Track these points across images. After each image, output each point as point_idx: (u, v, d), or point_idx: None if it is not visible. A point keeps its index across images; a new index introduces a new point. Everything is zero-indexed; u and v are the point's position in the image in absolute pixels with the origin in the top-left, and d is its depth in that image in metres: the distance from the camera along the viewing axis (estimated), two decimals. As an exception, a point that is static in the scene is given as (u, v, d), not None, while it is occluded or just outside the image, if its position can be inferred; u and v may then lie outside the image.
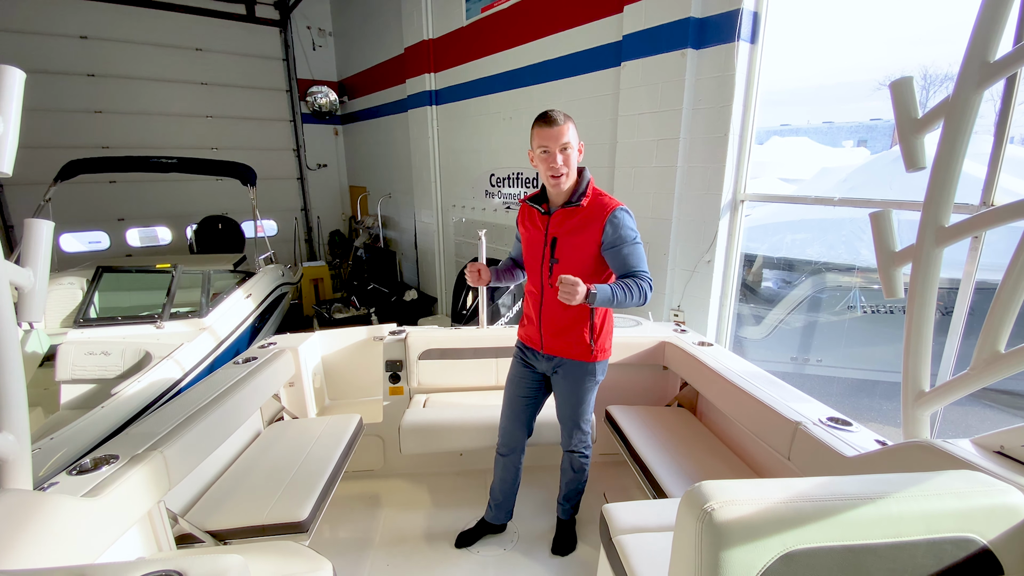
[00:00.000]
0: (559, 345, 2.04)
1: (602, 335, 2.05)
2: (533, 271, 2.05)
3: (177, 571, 0.92)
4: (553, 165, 1.81)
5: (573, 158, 1.84)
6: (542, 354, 2.10)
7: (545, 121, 1.80)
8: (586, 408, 2.16)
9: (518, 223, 2.12)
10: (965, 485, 1.03)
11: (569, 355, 2.04)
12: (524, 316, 2.18)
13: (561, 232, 1.92)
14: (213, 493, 2.02)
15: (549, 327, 2.03)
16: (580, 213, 1.90)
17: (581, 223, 1.89)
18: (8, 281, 1.18)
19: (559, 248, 1.93)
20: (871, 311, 4.63)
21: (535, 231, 2.00)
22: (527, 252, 2.05)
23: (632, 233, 1.89)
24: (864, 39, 4.86)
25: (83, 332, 3.47)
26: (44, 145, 6.83)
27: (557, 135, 1.78)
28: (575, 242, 1.91)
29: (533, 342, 2.11)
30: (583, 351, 2.02)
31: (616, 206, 1.88)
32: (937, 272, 1.40)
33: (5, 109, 1.15)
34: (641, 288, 1.83)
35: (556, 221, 1.93)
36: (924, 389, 1.45)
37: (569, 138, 1.80)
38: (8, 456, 1.21)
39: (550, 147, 1.80)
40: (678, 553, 1.04)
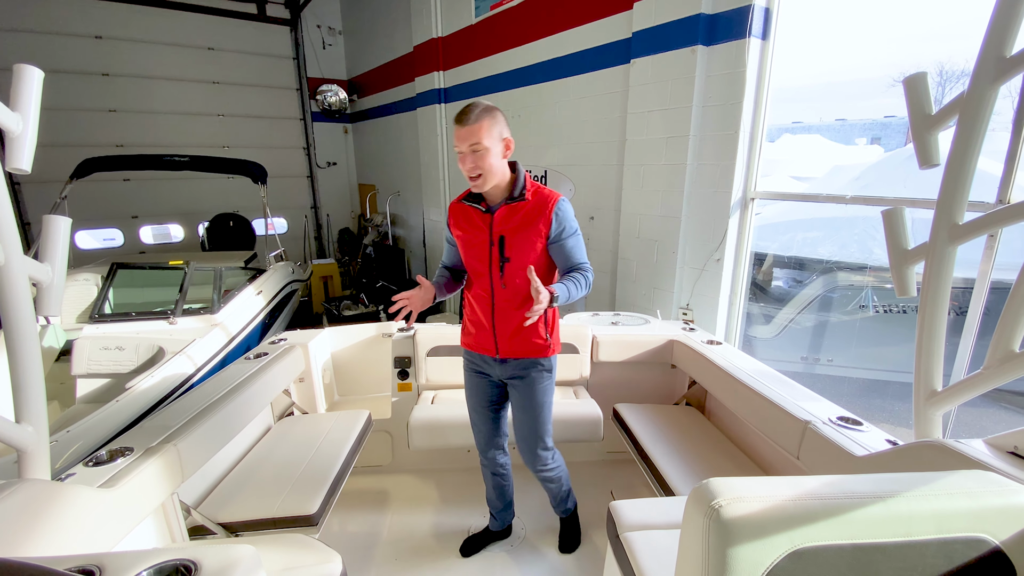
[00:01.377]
0: (516, 346, 1.95)
1: (555, 329, 2.00)
2: (480, 274, 1.93)
3: (192, 560, 0.94)
4: (462, 167, 1.76)
5: (487, 159, 1.73)
6: (497, 359, 1.99)
7: (457, 119, 1.72)
8: (546, 414, 2.05)
9: (450, 227, 1.99)
10: (977, 485, 1.02)
11: (527, 354, 1.96)
12: (468, 323, 2.05)
13: (508, 229, 1.83)
14: (225, 486, 2.05)
15: (504, 330, 1.94)
16: (524, 208, 1.83)
17: (527, 218, 1.82)
18: (27, 276, 1.21)
19: (508, 246, 1.84)
20: (883, 310, 4.57)
21: (476, 231, 1.89)
22: (469, 255, 1.93)
23: (575, 224, 1.87)
24: (878, 34, 4.79)
25: (98, 327, 3.52)
26: (60, 143, 6.94)
27: (466, 135, 1.70)
28: (523, 238, 1.83)
29: (486, 348, 2.00)
30: (540, 348, 1.95)
31: (558, 198, 1.84)
32: (951, 270, 1.39)
33: (24, 107, 1.17)
34: (587, 280, 1.84)
35: (500, 218, 1.84)
36: (936, 388, 1.43)
37: (481, 138, 1.70)
38: (27, 447, 1.24)
39: (460, 148, 1.73)
40: (685, 550, 1.04)
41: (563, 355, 2.81)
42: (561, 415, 2.50)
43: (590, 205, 4.56)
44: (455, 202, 1.97)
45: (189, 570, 0.92)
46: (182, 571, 0.93)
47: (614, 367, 2.90)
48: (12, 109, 1.16)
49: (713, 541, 0.94)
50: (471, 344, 2.05)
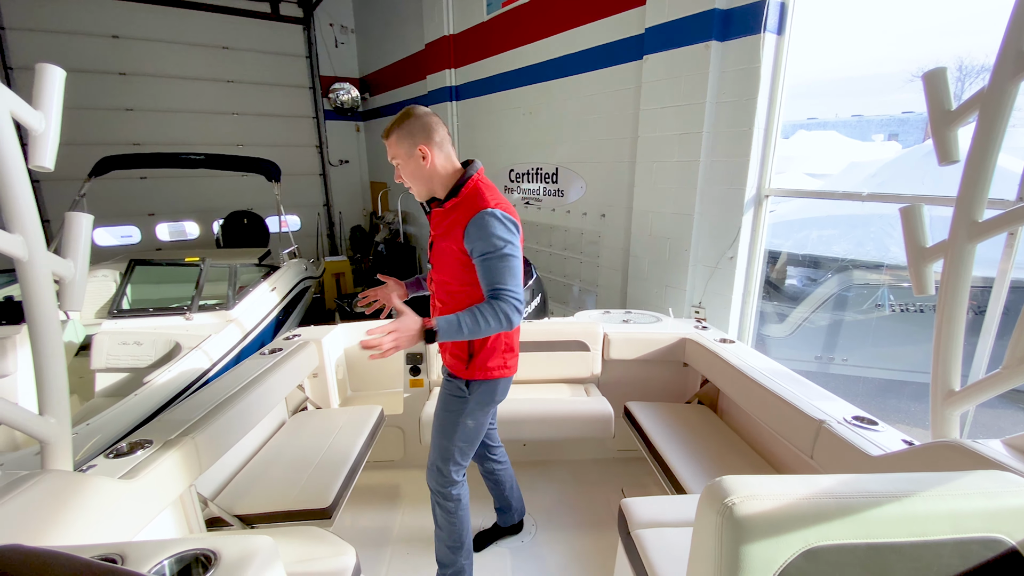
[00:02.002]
0: (444, 354, 1.87)
1: (483, 352, 1.75)
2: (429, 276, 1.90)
3: (211, 550, 0.96)
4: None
5: (406, 171, 1.67)
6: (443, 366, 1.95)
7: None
8: (450, 436, 1.82)
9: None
10: (994, 485, 1.01)
11: (449, 366, 1.85)
12: None
13: (436, 235, 1.73)
14: (241, 479, 2.08)
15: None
16: (450, 215, 1.67)
17: (449, 226, 1.66)
18: (50, 272, 1.24)
19: (434, 253, 1.75)
20: (900, 309, 4.51)
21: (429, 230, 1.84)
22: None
23: (498, 241, 1.54)
24: (896, 29, 4.71)
25: (117, 323, 3.58)
26: (78, 142, 7.05)
27: (387, 149, 1.68)
28: (443, 247, 1.69)
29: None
30: (459, 365, 1.79)
31: (485, 207, 1.57)
32: (970, 268, 1.37)
33: (47, 106, 1.20)
34: (498, 312, 1.53)
35: (434, 223, 1.76)
36: (954, 388, 1.41)
37: (396, 153, 1.65)
38: (50, 439, 1.27)
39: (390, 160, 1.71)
40: (698, 547, 1.04)
41: (573, 352, 2.82)
42: (572, 413, 2.51)
43: (601, 202, 4.55)
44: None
45: (209, 560, 0.94)
46: (202, 561, 0.95)
47: (625, 365, 2.89)
48: (35, 108, 1.19)
49: (726, 539, 0.93)
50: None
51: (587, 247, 4.85)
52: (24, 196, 1.16)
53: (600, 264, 4.67)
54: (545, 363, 2.83)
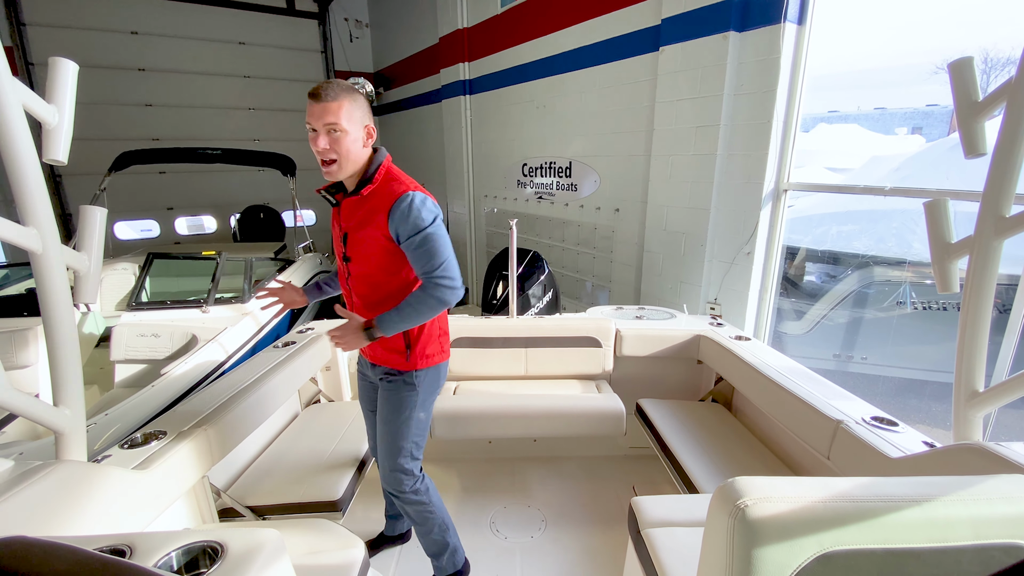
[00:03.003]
0: (376, 351, 1.77)
1: (421, 340, 1.73)
2: (340, 271, 1.78)
3: (218, 542, 0.96)
4: (314, 147, 1.52)
5: (346, 143, 1.52)
6: (367, 362, 1.85)
7: (312, 94, 1.49)
8: (401, 432, 1.77)
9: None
10: (1018, 490, 0.97)
11: (386, 362, 1.76)
12: None
13: (351, 226, 1.64)
14: (254, 471, 2.10)
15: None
16: (366, 203, 1.61)
17: (367, 215, 1.60)
18: (64, 265, 1.25)
19: (350, 245, 1.65)
20: (922, 307, 4.39)
21: (334, 225, 1.72)
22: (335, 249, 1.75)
23: (423, 222, 1.55)
24: (920, 19, 4.57)
25: (135, 315, 3.64)
26: (98, 137, 7.19)
27: (321, 112, 1.48)
28: (362, 237, 1.62)
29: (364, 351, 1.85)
30: (398, 358, 1.74)
31: (404, 191, 1.56)
32: (996, 265, 1.32)
33: (60, 100, 1.21)
34: (431, 298, 1.55)
35: (345, 214, 1.66)
36: (978, 389, 1.37)
37: (340, 118, 1.49)
38: (65, 429, 1.29)
39: (314, 125, 1.50)
40: (709, 549, 1.02)
41: (585, 349, 2.79)
42: (583, 409, 2.49)
43: (615, 197, 4.50)
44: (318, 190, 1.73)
45: (216, 552, 0.95)
46: (209, 553, 0.95)
47: (638, 362, 2.86)
48: (48, 102, 1.19)
49: (738, 541, 0.91)
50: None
51: (600, 242, 4.81)
52: (38, 190, 1.17)
53: (614, 259, 4.63)
54: (556, 359, 2.81)
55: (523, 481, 2.80)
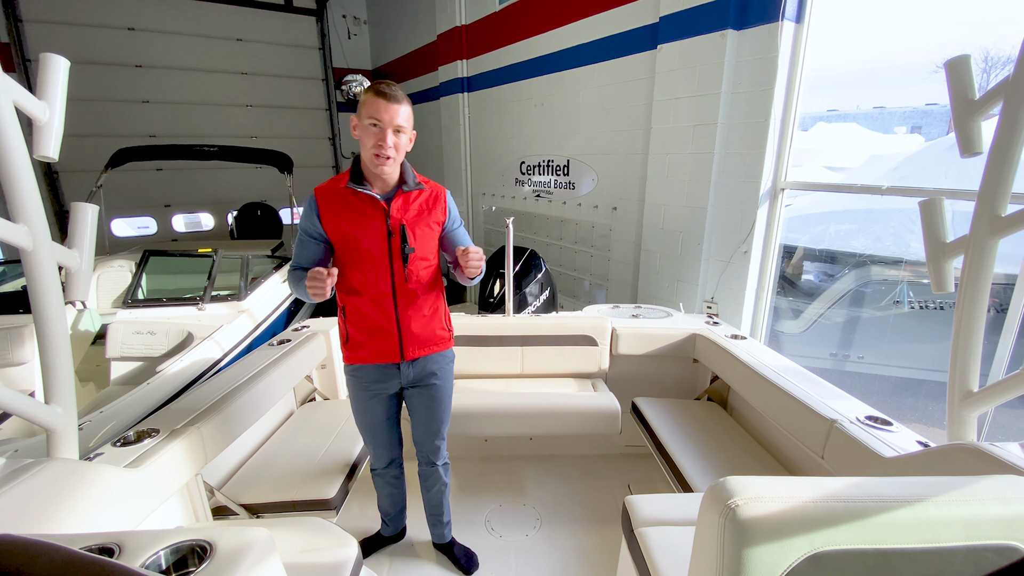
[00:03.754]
0: (423, 343, 1.83)
1: (448, 314, 1.94)
2: (378, 268, 1.72)
3: (207, 541, 0.96)
4: (382, 144, 1.59)
5: (404, 144, 1.66)
6: (403, 363, 1.83)
7: (382, 93, 1.57)
8: (449, 407, 1.99)
9: (320, 220, 1.69)
10: (1011, 491, 0.97)
11: (434, 349, 1.86)
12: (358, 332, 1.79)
13: (408, 217, 1.72)
14: (248, 469, 2.10)
15: (411, 328, 1.79)
16: (421, 195, 1.77)
17: (425, 206, 1.77)
18: (55, 262, 1.24)
19: (413, 234, 1.73)
20: (919, 306, 4.40)
21: (368, 220, 1.69)
22: (361, 247, 1.70)
23: (457, 210, 1.91)
24: (920, 18, 4.57)
25: (131, 312, 3.63)
26: (95, 134, 7.16)
27: (395, 113, 1.58)
28: (424, 226, 1.76)
29: (387, 355, 1.80)
30: (445, 339, 1.89)
31: (446, 189, 1.86)
32: (991, 265, 1.31)
33: (51, 96, 1.20)
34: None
35: (398, 206, 1.71)
36: (972, 389, 1.36)
37: (404, 121, 1.62)
38: (56, 427, 1.28)
39: (383, 121, 1.57)
40: (700, 548, 1.02)
41: (581, 347, 2.79)
42: (578, 408, 2.49)
43: (613, 195, 4.50)
44: (328, 189, 1.72)
45: (205, 551, 0.94)
46: (198, 551, 0.95)
47: (634, 360, 2.86)
48: (39, 98, 1.19)
49: (728, 541, 0.91)
50: (365, 356, 1.81)
51: (598, 240, 4.81)
52: (28, 186, 1.17)
53: (611, 258, 4.63)
54: (553, 357, 2.81)
55: (519, 479, 2.80)
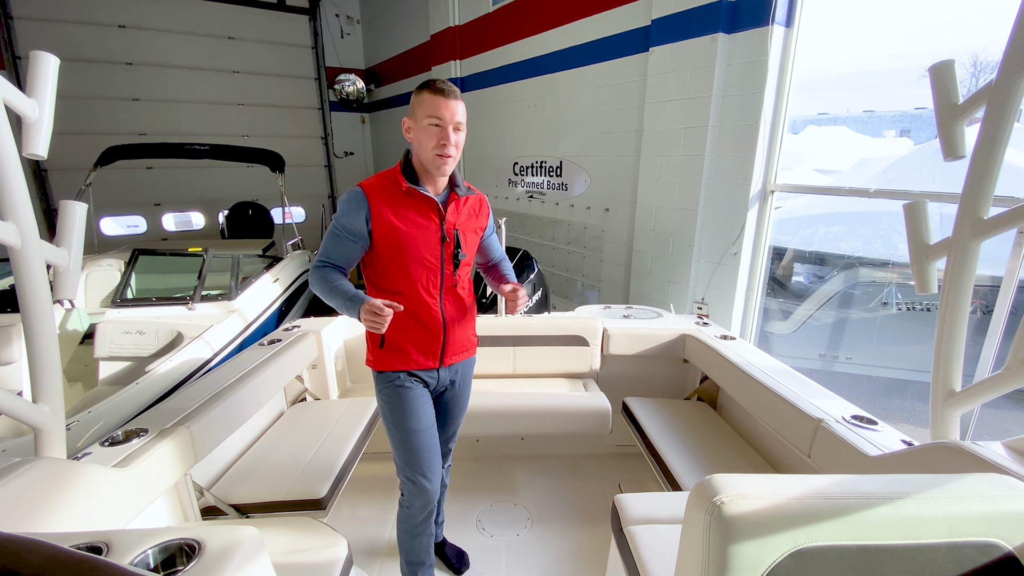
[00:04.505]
0: (460, 347, 1.81)
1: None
2: (429, 272, 1.65)
3: (196, 540, 0.96)
4: (446, 142, 1.53)
5: (463, 142, 1.62)
6: (442, 368, 1.78)
7: (439, 91, 1.51)
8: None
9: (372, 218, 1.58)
10: (992, 488, 0.99)
11: (468, 354, 1.86)
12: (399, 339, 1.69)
13: (460, 223, 1.69)
14: (238, 468, 2.09)
15: (453, 332, 1.75)
16: (469, 200, 1.74)
17: (473, 211, 1.75)
18: (43, 260, 1.24)
19: (463, 241, 1.69)
20: (907, 308, 4.45)
21: (423, 221, 1.62)
22: (414, 249, 1.61)
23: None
24: (909, 22, 4.63)
25: (120, 312, 3.61)
26: (85, 131, 7.09)
27: (454, 109, 1.53)
28: (472, 231, 1.74)
29: (428, 362, 1.73)
30: (475, 343, 1.90)
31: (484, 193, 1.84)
32: (973, 267, 1.34)
33: (40, 94, 1.19)
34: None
35: (452, 210, 1.67)
36: (955, 389, 1.39)
37: (462, 118, 1.57)
38: (44, 426, 1.28)
39: (444, 119, 1.52)
40: (686, 546, 1.03)
41: (572, 347, 2.80)
42: (569, 407, 2.50)
43: (605, 196, 4.52)
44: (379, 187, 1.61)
45: (193, 549, 0.94)
46: (186, 550, 0.95)
47: (625, 360, 2.88)
48: (28, 95, 1.18)
49: (714, 538, 0.92)
50: (407, 363, 1.71)
51: (590, 241, 4.83)
52: (16, 184, 1.16)
53: (603, 259, 4.65)
54: (544, 357, 2.82)
55: (510, 479, 2.80)
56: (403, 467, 1.76)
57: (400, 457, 1.75)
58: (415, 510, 1.79)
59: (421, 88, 1.54)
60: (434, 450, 1.78)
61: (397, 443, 1.75)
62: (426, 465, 1.75)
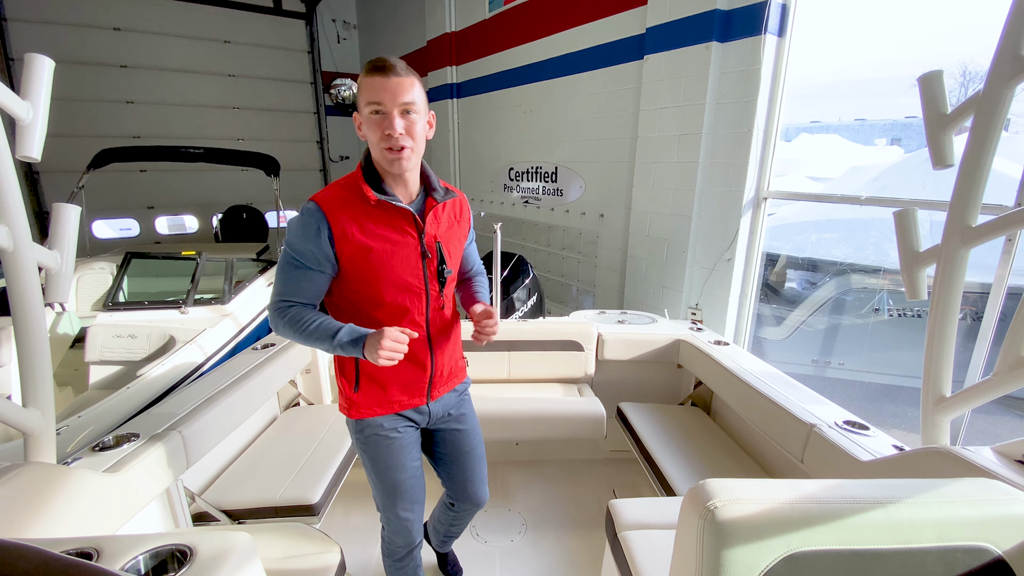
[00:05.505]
0: (450, 376, 1.57)
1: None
2: (411, 294, 1.39)
3: (188, 546, 0.95)
4: (390, 132, 1.23)
5: (420, 127, 1.29)
6: (429, 405, 1.54)
7: (378, 69, 1.22)
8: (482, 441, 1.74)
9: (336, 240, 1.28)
10: (982, 493, 1.00)
11: (460, 376, 1.62)
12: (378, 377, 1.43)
13: (441, 233, 1.42)
14: (230, 474, 2.07)
15: (442, 362, 1.51)
16: (448, 205, 1.45)
17: (454, 217, 1.46)
18: (35, 263, 1.23)
19: (447, 255, 1.43)
20: (898, 314, 4.50)
21: (398, 237, 1.33)
22: (390, 273, 1.34)
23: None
24: (900, 32, 4.70)
25: (112, 315, 3.57)
26: (78, 134, 7.05)
27: (396, 88, 1.22)
28: (456, 241, 1.47)
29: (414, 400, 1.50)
30: (464, 367, 1.65)
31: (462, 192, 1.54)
32: (962, 274, 1.36)
33: (34, 96, 1.19)
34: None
35: (431, 219, 1.38)
36: (945, 394, 1.40)
37: (416, 97, 1.25)
38: (34, 431, 1.26)
39: (385, 103, 1.22)
40: (680, 550, 1.03)
41: (567, 352, 2.81)
42: (564, 412, 2.50)
43: (600, 202, 4.54)
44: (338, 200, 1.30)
45: (185, 555, 0.93)
46: (178, 556, 0.94)
47: (619, 365, 2.88)
48: (23, 98, 1.18)
49: (707, 542, 0.93)
50: (389, 406, 1.47)
51: (585, 247, 4.84)
52: (9, 186, 1.15)
53: (598, 264, 4.66)
54: (539, 362, 2.82)
55: (504, 485, 2.80)
56: (383, 507, 1.58)
57: (380, 498, 1.56)
58: (396, 547, 1.64)
59: (363, 72, 1.26)
60: (419, 490, 1.59)
61: (378, 488, 1.55)
62: (409, 501, 1.56)
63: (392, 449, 1.50)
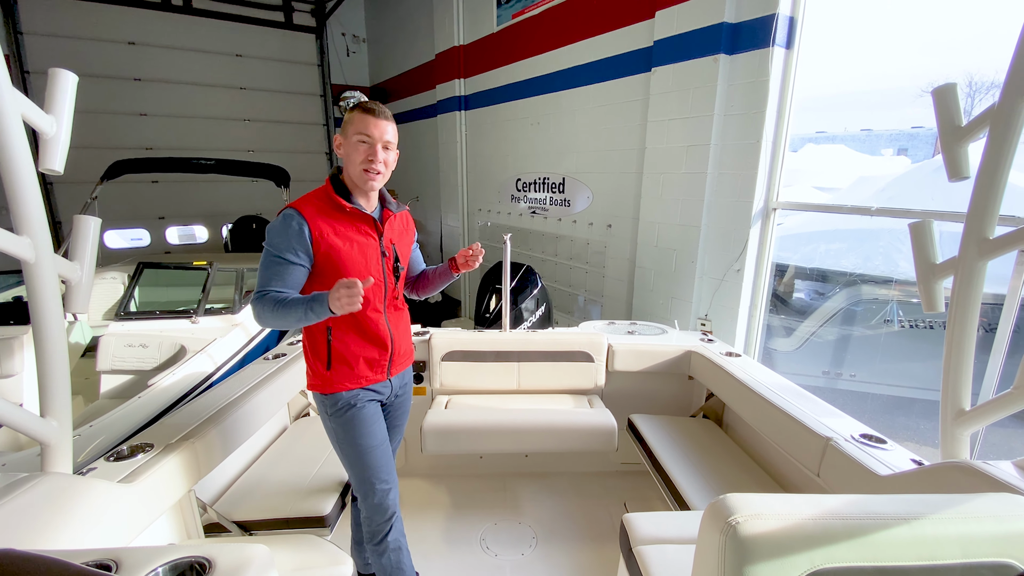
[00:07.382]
0: (405, 357, 1.87)
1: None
2: (374, 288, 1.69)
3: (206, 558, 0.95)
4: (373, 158, 1.57)
5: (392, 161, 1.65)
6: (391, 380, 1.81)
7: (370, 111, 1.57)
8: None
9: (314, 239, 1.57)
10: (1005, 508, 0.98)
11: (408, 362, 1.91)
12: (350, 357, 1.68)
13: (395, 237, 1.77)
14: (241, 485, 2.07)
15: (399, 344, 1.80)
16: (401, 216, 1.83)
17: (403, 225, 1.84)
18: (57, 274, 1.24)
19: (401, 255, 1.79)
20: (909, 325, 4.46)
21: (363, 239, 1.65)
22: (357, 268, 1.62)
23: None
24: (906, 44, 4.71)
25: (123, 325, 3.60)
26: (92, 145, 7.16)
27: (383, 129, 1.58)
28: (406, 244, 1.84)
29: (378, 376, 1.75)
30: (412, 349, 1.95)
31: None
32: (980, 285, 1.35)
33: (58, 110, 1.21)
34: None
35: (388, 225, 1.72)
36: (964, 408, 1.39)
37: (392, 138, 1.61)
38: (51, 441, 1.27)
39: (373, 137, 1.56)
40: (700, 566, 1.02)
41: (577, 363, 2.80)
42: (575, 424, 2.48)
43: (608, 213, 4.55)
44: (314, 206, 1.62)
45: (204, 567, 0.93)
46: (197, 568, 0.94)
47: (630, 377, 2.87)
48: (47, 112, 1.20)
49: (729, 559, 0.91)
50: (357, 380, 1.70)
51: (593, 257, 4.84)
52: (33, 199, 1.17)
53: (606, 275, 4.66)
54: (548, 373, 2.81)
55: (514, 497, 2.78)
56: (361, 483, 1.70)
57: (357, 474, 1.70)
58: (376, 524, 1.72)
59: (352, 109, 1.61)
60: (391, 460, 1.76)
61: (353, 462, 1.70)
62: (384, 472, 1.71)
63: (363, 417, 1.71)
